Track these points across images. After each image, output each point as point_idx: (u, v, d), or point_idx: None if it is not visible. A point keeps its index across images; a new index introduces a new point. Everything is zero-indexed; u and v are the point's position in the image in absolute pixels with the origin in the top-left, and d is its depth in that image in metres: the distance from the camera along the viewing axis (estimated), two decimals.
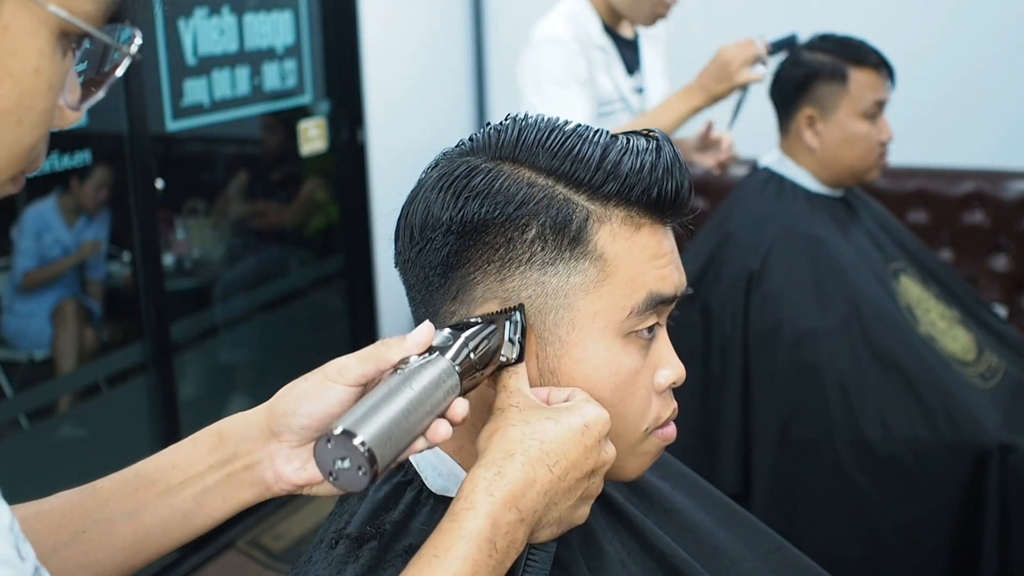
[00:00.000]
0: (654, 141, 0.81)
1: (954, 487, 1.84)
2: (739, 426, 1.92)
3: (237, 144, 3.11)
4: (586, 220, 0.79)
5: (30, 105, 0.54)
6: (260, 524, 2.80)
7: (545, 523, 0.74)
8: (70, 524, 0.76)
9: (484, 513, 0.69)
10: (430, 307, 0.83)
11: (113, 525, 0.76)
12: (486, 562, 0.68)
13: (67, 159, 2.33)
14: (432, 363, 0.72)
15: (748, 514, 1.07)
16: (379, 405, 0.68)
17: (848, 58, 1.96)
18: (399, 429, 0.68)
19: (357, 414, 0.67)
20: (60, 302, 2.58)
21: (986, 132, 3.25)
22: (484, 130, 0.84)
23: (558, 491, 0.73)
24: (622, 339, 0.81)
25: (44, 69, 0.53)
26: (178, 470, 0.77)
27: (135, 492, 0.77)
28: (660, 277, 0.81)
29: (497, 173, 0.79)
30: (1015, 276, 3.20)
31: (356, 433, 0.66)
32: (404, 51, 3.47)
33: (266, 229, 3.23)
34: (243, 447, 0.77)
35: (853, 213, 2.08)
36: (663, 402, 0.85)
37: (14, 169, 0.56)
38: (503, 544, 0.69)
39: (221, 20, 2.73)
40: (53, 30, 0.53)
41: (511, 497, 0.70)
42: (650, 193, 0.79)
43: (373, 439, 0.66)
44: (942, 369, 1.90)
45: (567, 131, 0.80)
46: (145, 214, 2.52)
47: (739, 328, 1.92)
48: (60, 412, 2.56)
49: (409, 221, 0.82)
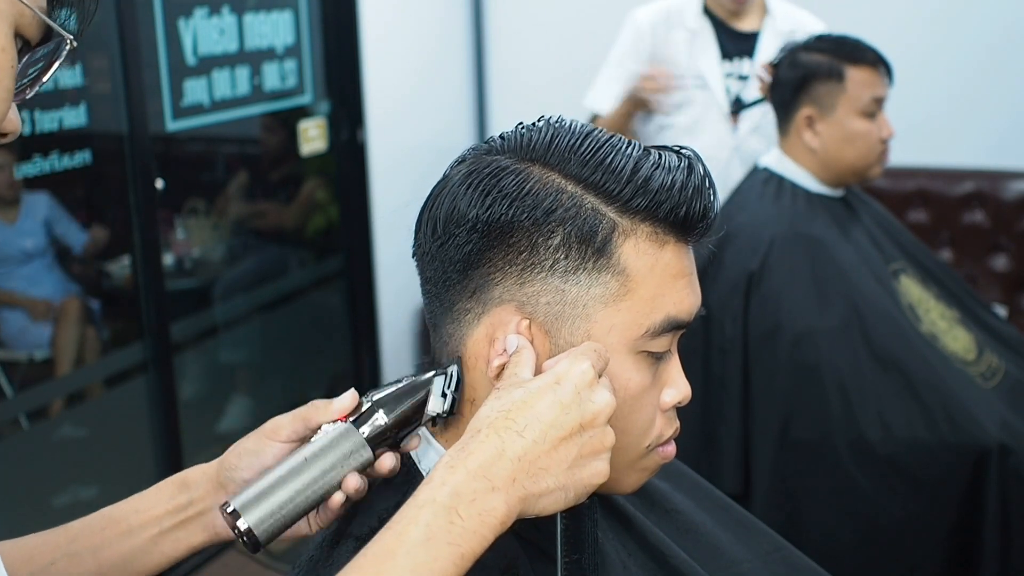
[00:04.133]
0: (686, 159, 0.80)
1: (954, 487, 1.84)
2: (739, 426, 1.92)
3: (237, 144, 3.11)
4: (612, 232, 0.78)
5: None
6: None
7: (544, 490, 0.71)
8: (41, 556, 0.86)
9: (440, 483, 0.68)
10: (445, 301, 0.83)
11: (80, 558, 0.86)
12: (444, 528, 0.67)
13: (67, 159, 2.33)
14: (340, 435, 0.80)
15: (748, 514, 1.08)
16: (274, 485, 0.78)
17: (845, 57, 1.96)
18: (287, 505, 0.78)
19: (250, 493, 0.78)
20: (62, 299, 2.58)
21: (986, 132, 3.25)
22: (516, 129, 0.83)
23: (540, 455, 0.71)
24: (634, 355, 0.80)
25: (8, 50, 0.61)
26: (140, 513, 0.87)
27: (101, 531, 0.87)
28: (678, 300, 0.81)
29: (527, 176, 0.79)
30: (1015, 276, 3.20)
31: (240, 515, 0.77)
32: (404, 51, 3.47)
33: (266, 229, 3.23)
34: (197, 495, 0.87)
35: (853, 213, 2.08)
36: (667, 421, 0.85)
37: None
38: (470, 511, 0.67)
39: (221, 20, 2.74)
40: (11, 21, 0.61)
41: (477, 468, 0.69)
42: (678, 211, 0.79)
43: (257, 521, 0.77)
44: (943, 368, 1.90)
45: (600, 140, 0.80)
46: (145, 214, 2.52)
47: (739, 328, 1.92)
48: (60, 412, 2.56)
49: (433, 214, 0.82)
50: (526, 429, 0.71)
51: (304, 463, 0.79)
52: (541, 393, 0.72)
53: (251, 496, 0.77)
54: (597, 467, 0.73)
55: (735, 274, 1.95)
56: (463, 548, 0.67)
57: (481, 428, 0.72)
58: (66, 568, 0.86)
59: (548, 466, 0.71)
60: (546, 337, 0.80)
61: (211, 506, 0.86)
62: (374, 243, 3.35)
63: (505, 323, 0.80)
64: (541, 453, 0.71)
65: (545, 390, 0.73)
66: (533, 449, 0.70)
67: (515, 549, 0.82)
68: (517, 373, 0.76)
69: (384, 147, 3.34)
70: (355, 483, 0.79)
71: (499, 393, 0.74)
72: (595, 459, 0.73)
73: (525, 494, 0.70)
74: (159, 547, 0.86)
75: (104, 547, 0.86)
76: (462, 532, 0.67)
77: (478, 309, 0.81)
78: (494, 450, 0.70)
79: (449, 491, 0.68)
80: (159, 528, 0.86)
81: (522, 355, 0.78)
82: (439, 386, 0.81)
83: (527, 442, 0.70)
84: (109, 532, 0.86)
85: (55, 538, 0.87)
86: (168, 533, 0.87)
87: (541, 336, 0.80)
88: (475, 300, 0.81)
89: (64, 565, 0.86)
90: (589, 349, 0.76)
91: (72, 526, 0.88)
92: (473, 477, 0.69)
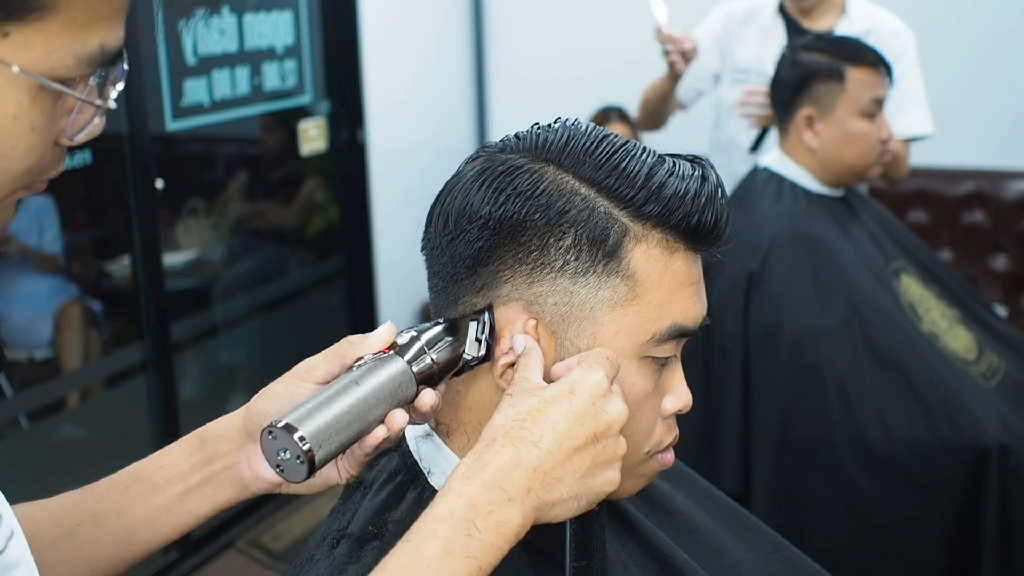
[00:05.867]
0: (700, 168, 0.80)
1: (954, 487, 1.84)
2: (739, 426, 1.92)
3: (237, 144, 3.11)
4: (623, 237, 0.78)
5: (13, 144, 0.59)
6: (260, 524, 2.80)
7: (558, 500, 0.71)
8: (68, 519, 0.83)
9: (456, 494, 0.69)
10: (451, 296, 0.83)
11: (105, 520, 0.83)
12: (463, 541, 0.67)
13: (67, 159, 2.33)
14: (385, 362, 0.77)
15: (749, 515, 1.08)
16: (326, 401, 0.73)
17: (845, 57, 1.96)
18: (341, 422, 0.73)
19: (301, 410, 0.73)
20: (63, 304, 2.57)
21: (986, 132, 3.25)
22: (532, 129, 0.83)
23: (555, 465, 0.71)
24: (638, 360, 0.80)
25: (23, 116, 0.59)
26: (164, 470, 0.83)
27: (126, 490, 0.84)
28: (685, 308, 0.81)
29: (541, 176, 0.79)
30: (1015, 276, 3.20)
31: (297, 428, 0.71)
32: (404, 51, 3.47)
33: (266, 229, 3.23)
34: (222, 448, 0.82)
35: (853, 213, 2.08)
36: (667, 428, 0.85)
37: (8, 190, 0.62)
38: (487, 523, 0.68)
39: (221, 20, 2.73)
40: (27, 87, 0.58)
41: (492, 479, 0.69)
42: (690, 220, 0.79)
43: (311, 432, 0.72)
44: (943, 368, 1.90)
45: (616, 144, 0.80)
46: (145, 214, 2.52)
47: (739, 328, 1.93)
48: (60, 412, 2.56)
49: (445, 208, 0.82)
50: (541, 439, 0.71)
51: (355, 385, 0.75)
52: (556, 402, 0.73)
53: (302, 413, 0.73)
54: (609, 476, 0.74)
55: (735, 273, 1.95)
56: (480, 561, 0.67)
57: (496, 437, 0.72)
58: (91, 531, 0.83)
59: (562, 476, 0.71)
60: (552, 338, 0.80)
61: (239, 460, 0.82)
62: (374, 243, 3.35)
63: (512, 321, 0.80)
64: (556, 463, 0.71)
65: (560, 399, 0.73)
66: (548, 459, 0.71)
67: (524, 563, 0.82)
68: (527, 377, 0.76)
69: (384, 147, 3.34)
70: (400, 420, 0.77)
71: (512, 400, 0.74)
72: (607, 468, 0.74)
73: (539, 503, 0.71)
74: (185, 505, 0.83)
75: (129, 507, 0.83)
76: (479, 545, 0.67)
77: (484, 305, 0.81)
78: (509, 460, 0.70)
79: (466, 503, 0.68)
80: (184, 485, 0.82)
81: (531, 357, 0.78)
82: (473, 331, 0.80)
83: (542, 452, 0.71)
84: (134, 491, 0.83)
85: (82, 498, 0.84)
86: (195, 490, 0.83)
87: (547, 337, 0.80)
88: (482, 296, 0.81)
89: (89, 528, 0.83)
90: (602, 357, 0.76)
91: (99, 485, 0.85)
92: (489, 488, 0.69)
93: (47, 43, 0.57)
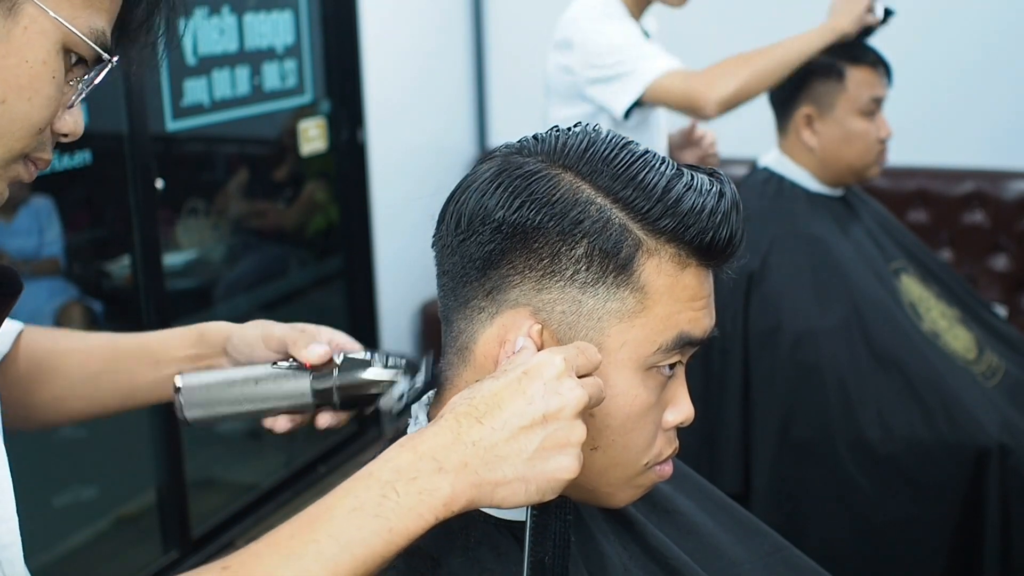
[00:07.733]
0: (717, 184, 0.80)
1: (954, 487, 1.84)
2: (739, 426, 1.92)
3: (237, 144, 3.11)
4: (636, 250, 0.78)
5: (37, 89, 0.70)
6: (260, 524, 2.80)
7: (501, 480, 0.69)
8: (91, 363, 1.05)
9: (384, 459, 0.69)
10: (460, 297, 0.82)
11: (120, 376, 1.05)
12: (376, 501, 0.67)
13: (67, 159, 2.33)
14: (291, 376, 0.91)
15: (749, 515, 1.08)
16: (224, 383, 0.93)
17: (845, 56, 1.96)
18: (217, 398, 0.92)
19: (201, 379, 0.94)
20: (64, 304, 2.57)
21: (986, 132, 3.25)
22: (551, 132, 0.83)
23: (497, 442, 0.69)
24: (643, 372, 0.80)
25: (50, 62, 0.71)
26: (167, 350, 1.04)
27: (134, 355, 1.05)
28: (693, 319, 0.80)
29: (558, 182, 0.78)
30: (1015, 276, 3.20)
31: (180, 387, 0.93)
32: (404, 51, 3.47)
33: (266, 229, 3.23)
34: (208, 352, 1.03)
35: (853, 212, 2.08)
36: (667, 440, 0.84)
37: (25, 142, 0.71)
38: (409, 488, 0.67)
39: (221, 20, 2.74)
40: (60, 36, 0.71)
41: (427, 450, 0.69)
42: (704, 236, 0.78)
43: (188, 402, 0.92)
44: (943, 368, 1.90)
45: (635, 154, 0.79)
46: (145, 214, 2.52)
47: (739, 328, 1.93)
48: None
49: (459, 207, 0.81)
50: (485, 416, 0.70)
51: (253, 384, 0.91)
52: (507, 382, 0.72)
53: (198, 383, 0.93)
54: (562, 462, 0.70)
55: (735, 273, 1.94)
56: (392, 523, 0.67)
57: (444, 414, 0.72)
58: (109, 382, 1.05)
59: (506, 455, 0.70)
60: (556, 345, 0.79)
61: (218, 364, 1.01)
62: (374, 243, 3.35)
63: (518, 326, 0.79)
64: (499, 440, 0.70)
65: (511, 379, 0.72)
66: (490, 436, 0.70)
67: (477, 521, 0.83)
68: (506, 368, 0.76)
69: (384, 147, 3.34)
70: (282, 425, 0.95)
71: (473, 384, 0.74)
72: (560, 453, 0.70)
73: (478, 480, 0.69)
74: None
75: (136, 372, 1.04)
76: (395, 508, 0.67)
77: (492, 309, 0.80)
78: (450, 434, 0.70)
79: (392, 468, 0.69)
80: (178, 369, 1.00)
81: (521, 355, 0.77)
82: (401, 389, 0.87)
83: (485, 428, 0.70)
84: (142, 359, 1.04)
85: (102, 349, 1.06)
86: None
87: (552, 343, 0.79)
88: (490, 300, 0.80)
89: (107, 379, 1.05)
90: (572, 346, 0.76)
91: (118, 343, 1.07)
92: (420, 458, 0.69)
93: (71, 9, 0.70)
